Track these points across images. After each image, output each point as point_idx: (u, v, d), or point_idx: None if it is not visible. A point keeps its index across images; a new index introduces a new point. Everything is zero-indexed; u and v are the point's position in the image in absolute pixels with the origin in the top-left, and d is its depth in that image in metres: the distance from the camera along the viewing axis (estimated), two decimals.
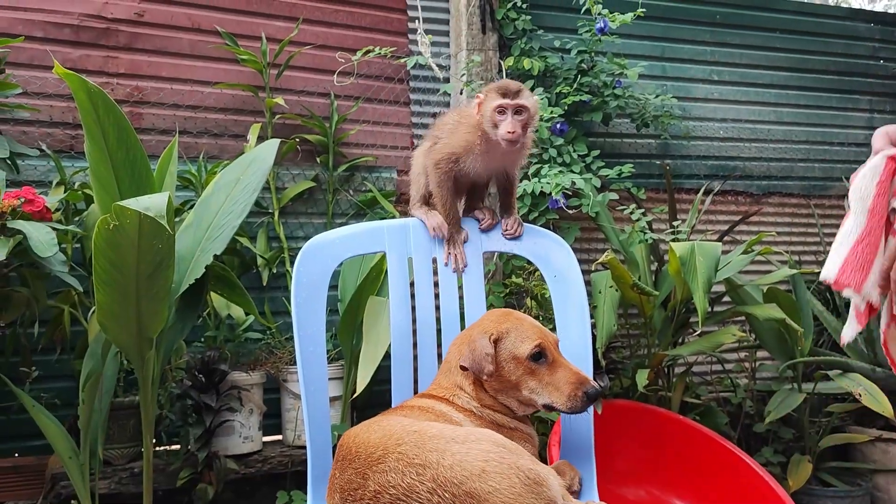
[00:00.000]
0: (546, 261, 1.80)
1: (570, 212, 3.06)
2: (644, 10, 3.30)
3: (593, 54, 3.36)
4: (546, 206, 3.02)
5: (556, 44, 3.42)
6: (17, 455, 2.67)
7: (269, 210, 3.06)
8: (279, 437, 2.89)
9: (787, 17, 4.08)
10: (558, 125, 3.11)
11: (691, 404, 3.01)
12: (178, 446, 2.61)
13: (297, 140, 3.08)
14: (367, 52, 3.08)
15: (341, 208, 3.21)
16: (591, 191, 3.02)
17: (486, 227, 1.84)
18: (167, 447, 2.67)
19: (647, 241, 2.97)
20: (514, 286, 2.95)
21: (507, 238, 1.82)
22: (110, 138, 2.00)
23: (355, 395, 2.42)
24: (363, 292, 2.56)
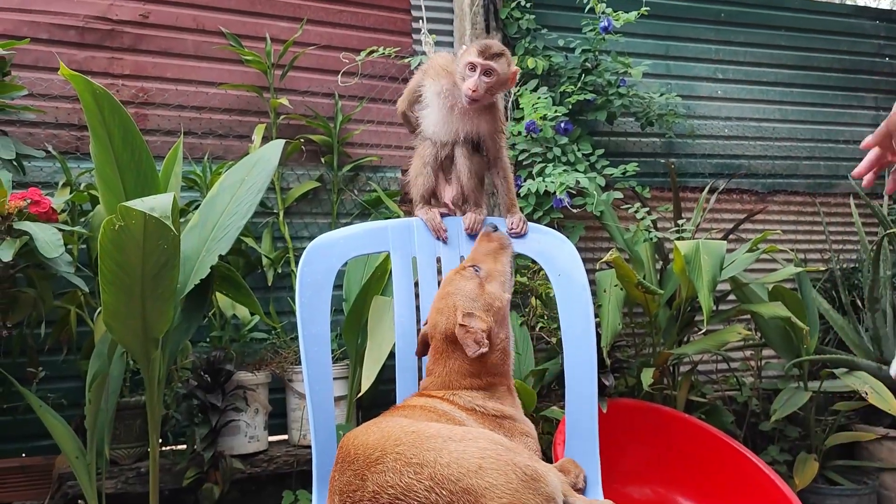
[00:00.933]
0: (550, 259, 1.80)
1: (575, 211, 3.06)
2: (648, 8, 3.29)
3: (597, 53, 3.36)
4: (550, 206, 3.02)
5: (561, 43, 3.42)
6: (24, 455, 2.68)
7: (274, 210, 3.06)
8: (285, 437, 2.90)
9: (792, 14, 4.07)
10: (562, 124, 3.11)
11: (697, 403, 3.01)
12: (184, 446, 2.62)
13: (302, 140, 3.09)
14: (371, 52, 3.09)
15: (346, 208, 3.21)
16: (595, 190, 3.02)
17: (469, 229, 1.82)
18: (173, 447, 2.68)
19: (651, 239, 2.97)
20: (519, 285, 2.95)
21: (513, 236, 1.82)
22: (115, 139, 2.00)
23: (360, 395, 2.42)
24: (368, 292, 2.56)
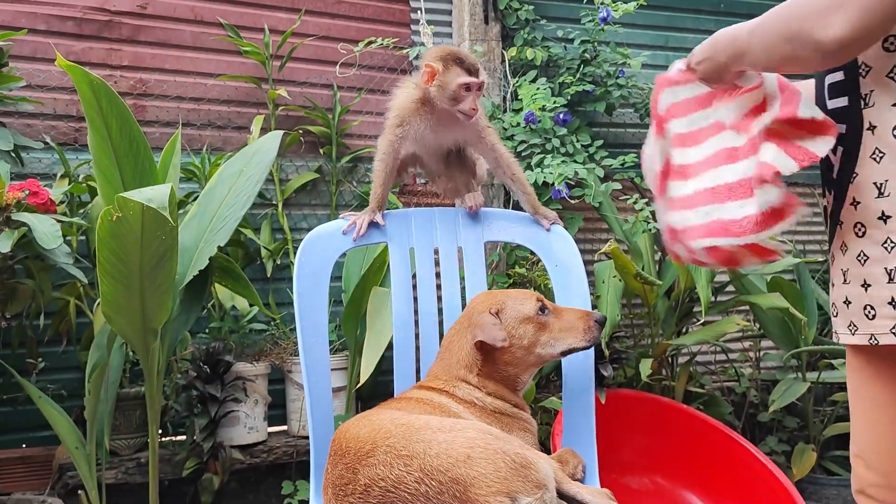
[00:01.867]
0: (548, 250, 1.81)
1: (574, 202, 3.06)
2: None
3: (596, 44, 3.35)
4: (549, 197, 3.01)
5: (559, 34, 3.41)
6: (24, 446, 2.68)
7: (273, 201, 3.06)
8: (284, 428, 2.91)
9: None
10: (561, 115, 3.10)
11: (695, 394, 3.01)
12: (183, 437, 2.63)
13: (301, 131, 3.08)
14: (370, 42, 3.08)
15: (345, 199, 3.21)
16: (594, 181, 3.01)
17: (474, 207, 1.82)
18: (173, 438, 2.69)
19: (650, 230, 2.97)
20: (518, 276, 2.95)
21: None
22: (113, 131, 2.01)
23: (359, 385, 2.43)
24: (367, 283, 2.57)
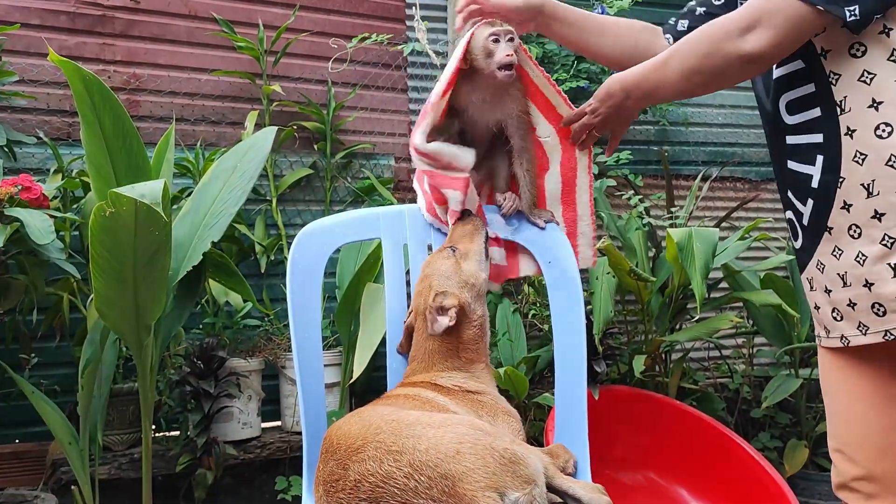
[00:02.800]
0: (541, 247, 1.80)
1: None
2: None
3: None
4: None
5: None
6: (17, 441, 2.68)
7: (267, 197, 3.06)
8: (278, 423, 2.91)
9: None
10: None
11: (688, 390, 3.02)
12: (177, 432, 2.63)
13: (295, 127, 3.08)
14: (364, 38, 3.08)
15: (339, 195, 3.21)
16: None
17: (508, 210, 1.77)
18: (166, 433, 2.69)
19: (644, 227, 2.98)
20: None
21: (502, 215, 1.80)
22: (106, 126, 2.00)
23: (353, 381, 2.43)
24: (360, 279, 2.57)
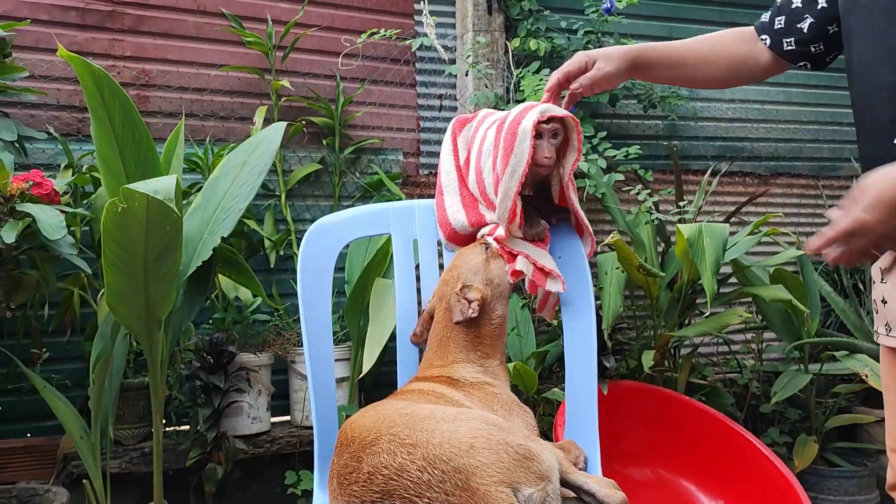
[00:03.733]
0: (551, 242, 1.80)
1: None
2: None
3: (600, 35, 3.34)
4: None
5: (563, 24, 3.40)
6: (29, 435, 2.70)
7: (276, 192, 3.06)
8: (287, 418, 2.92)
9: None
10: None
11: (697, 385, 3.02)
12: (187, 427, 2.64)
13: (304, 123, 3.08)
14: (373, 34, 3.07)
15: (348, 191, 3.21)
16: (597, 172, 3.01)
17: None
18: (176, 428, 2.70)
19: (653, 222, 2.97)
20: None
21: None
22: (116, 121, 2.01)
23: (362, 376, 2.44)
24: (369, 274, 2.57)
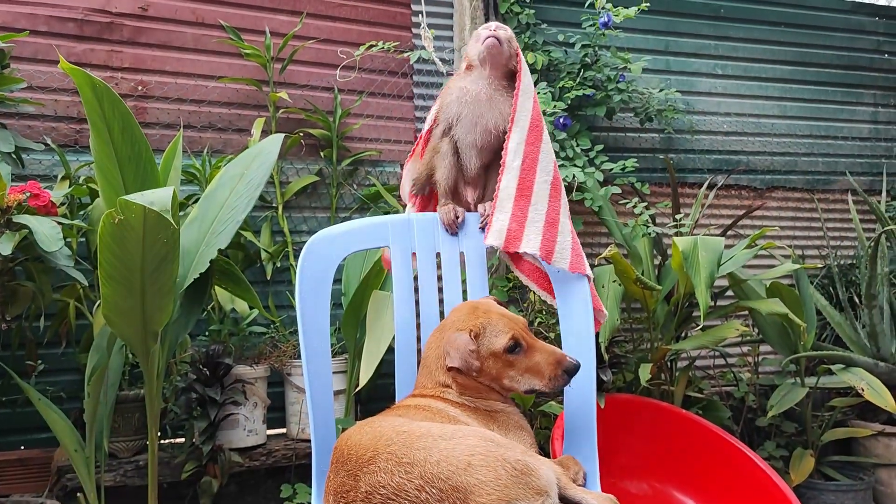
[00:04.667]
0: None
1: (573, 206, 3.06)
2: (648, 4, 3.30)
3: (597, 48, 3.36)
4: None
5: (560, 38, 3.42)
6: (23, 448, 2.68)
7: (273, 204, 3.06)
8: (283, 431, 2.91)
9: (791, 10, 4.07)
10: (561, 119, 3.11)
11: (694, 398, 3.01)
12: (182, 439, 2.63)
13: (301, 134, 3.09)
14: (371, 46, 3.08)
15: (345, 202, 3.21)
16: (594, 185, 3.02)
17: (484, 221, 1.83)
18: (172, 440, 2.69)
19: (650, 235, 2.98)
20: (518, 280, 2.95)
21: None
22: (115, 133, 2.01)
23: (358, 389, 2.43)
24: (366, 287, 2.57)
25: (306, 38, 3.16)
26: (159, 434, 2.49)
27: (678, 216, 2.98)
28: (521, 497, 1.15)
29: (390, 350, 1.87)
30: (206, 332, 2.81)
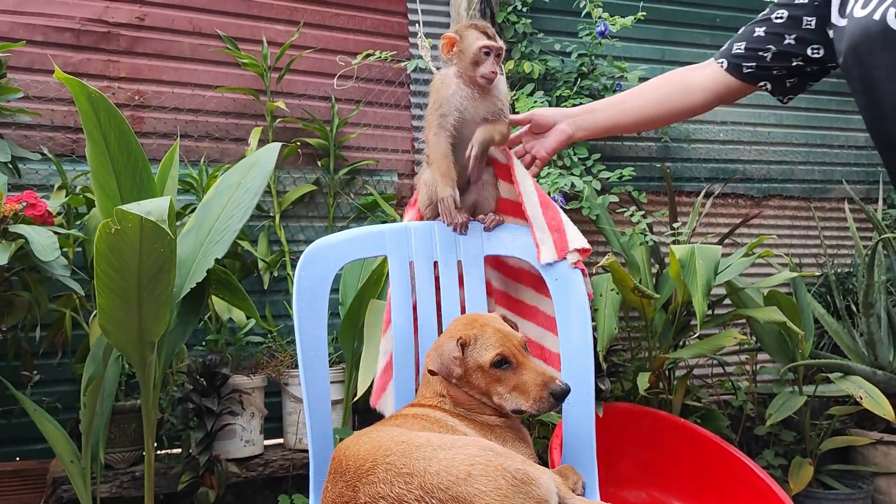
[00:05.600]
0: (547, 264, 1.80)
1: (570, 214, 3.06)
2: (644, 13, 3.31)
3: (594, 57, 3.37)
4: None
5: (557, 47, 3.42)
6: (18, 459, 2.67)
7: (271, 213, 3.06)
8: (280, 441, 2.89)
9: None
10: None
11: (692, 407, 3.01)
12: (179, 450, 2.61)
13: (298, 144, 3.09)
14: (368, 55, 3.09)
15: (342, 212, 3.21)
16: (591, 194, 3.02)
17: (491, 225, 1.83)
18: (168, 451, 2.67)
19: (647, 243, 2.98)
20: None
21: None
22: (111, 143, 2.00)
23: (356, 398, 2.42)
24: (364, 296, 2.56)
25: (303, 47, 3.16)
26: (156, 445, 2.48)
27: (675, 225, 2.99)
28: None
29: None
30: (203, 342, 2.80)
